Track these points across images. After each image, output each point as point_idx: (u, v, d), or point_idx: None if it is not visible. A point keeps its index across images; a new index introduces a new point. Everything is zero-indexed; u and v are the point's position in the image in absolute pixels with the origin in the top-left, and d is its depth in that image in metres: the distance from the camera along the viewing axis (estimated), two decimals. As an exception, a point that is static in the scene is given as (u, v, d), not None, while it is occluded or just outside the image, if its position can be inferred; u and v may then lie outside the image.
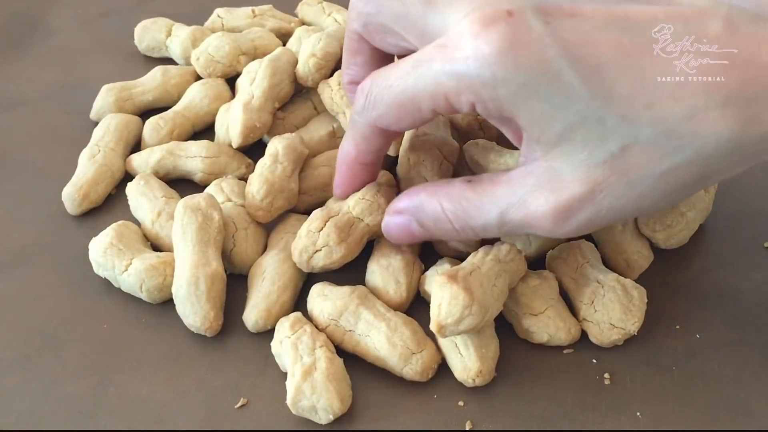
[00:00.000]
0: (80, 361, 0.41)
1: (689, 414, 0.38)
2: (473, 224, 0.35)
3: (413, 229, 0.37)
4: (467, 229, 0.35)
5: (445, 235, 0.37)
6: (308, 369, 0.37)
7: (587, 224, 0.32)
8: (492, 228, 0.34)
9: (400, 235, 0.39)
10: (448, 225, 0.35)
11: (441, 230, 0.36)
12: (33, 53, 0.64)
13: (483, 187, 0.34)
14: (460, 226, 0.35)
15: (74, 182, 0.49)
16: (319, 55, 0.51)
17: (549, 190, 0.31)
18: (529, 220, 0.33)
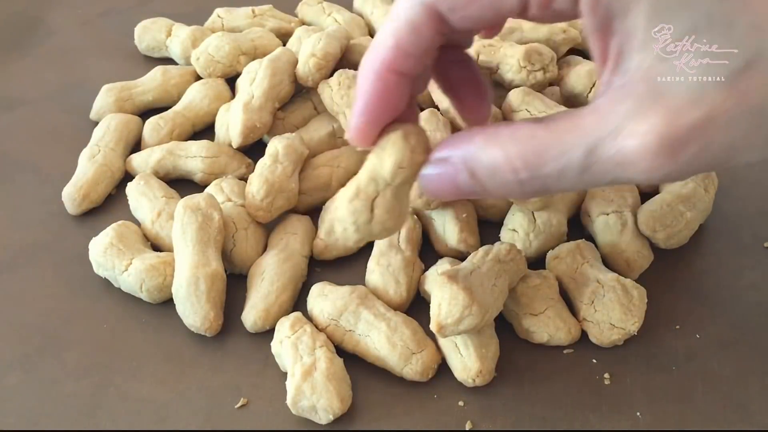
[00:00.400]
0: (80, 361, 0.41)
1: (689, 414, 0.38)
2: (547, 170, 0.27)
3: (460, 180, 0.29)
4: (536, 178, 0.27)
5: (502, 189, 0.29)
6: (308, 369, 0.37)
7: (693, 162, 0.25)
8: (571, 174, 0.27)
9: (442, 187, 0.30)
10: (510, 175, 0.28)
11: (499, 182, 0.28)
12: (33, 53, 0.64)
13: (559, 123, 0.27)
14: (528, 174, 0.27)
15: (74, 182, 0.49)
16: (319, 55, 0.51)
17: (654, 114, 0.25)
18: (626, 156, 0.25)
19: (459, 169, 0.29)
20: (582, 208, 0.46)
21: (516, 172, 0.28)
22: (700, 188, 0.45)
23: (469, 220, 0.45)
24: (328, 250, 0.45)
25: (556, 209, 0.45)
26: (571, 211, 0.47)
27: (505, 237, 0.45)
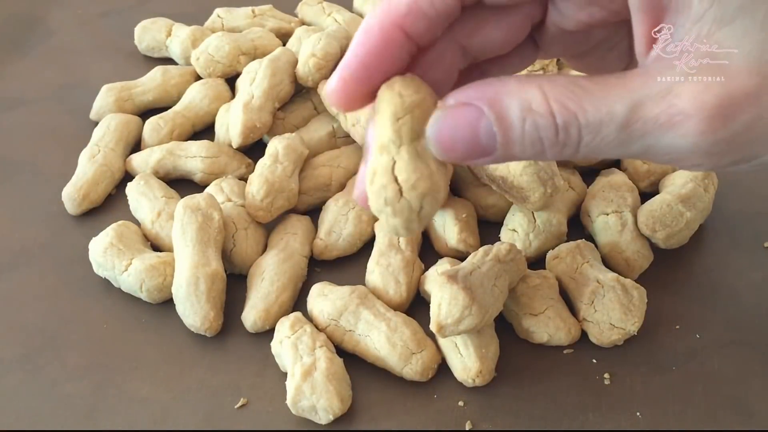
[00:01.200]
0: (80, 361, 0.41)
1: (689, 414, 0.38)
2: (586, 119, 0.24)
3: (482, 127, 0.25)
4: (573, 127, 0.24)
5: (531, 139, 0.25)
6: (308, 369, 0.37)
7: (744, 131, 0.24)
8: (610, 129, 0.24)
9: (456, 134, 0.25)
10: (545, 118, 0.24)
11: (529, 129, 0.25)
12: (33, 53, 0.64)
13: (605, 78, 0.25)
14: (564, 120, 0.24)
15: (74, 182, 0.49)
16: (319, 55, 0.51)
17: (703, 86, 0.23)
18: (673, 117, 0.23)
19: (482, 112, 0.25)
20: (582, 208, 0.46)
21: (552, 116, 0.24)
22: (700, 188, 0.45)
23: (469, 220, 0.45)
24: (328, 250, 0.45)
25: (556, 209, 0.45)
26: (571, 211, 0.47)
27: (505, 237, 0.45)
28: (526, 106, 0.24)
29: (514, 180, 0.43)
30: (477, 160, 0.26)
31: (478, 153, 0.25)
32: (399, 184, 0.25)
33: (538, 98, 0.24)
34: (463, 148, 0.25)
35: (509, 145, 0.25)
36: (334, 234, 0.45)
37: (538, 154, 0.25)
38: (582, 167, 0.49)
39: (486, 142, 0.25)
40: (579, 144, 0.25)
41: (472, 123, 0.25)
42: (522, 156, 0.25)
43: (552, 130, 0.24)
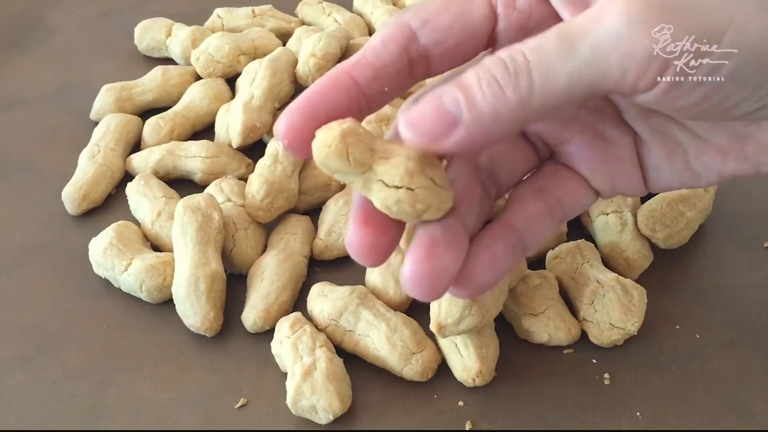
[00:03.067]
0: (80, 361, 0.41)
1: (689, 414, 0.38)
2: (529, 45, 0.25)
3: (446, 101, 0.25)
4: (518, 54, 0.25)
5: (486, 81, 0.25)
6: (308, 369, 0.37)
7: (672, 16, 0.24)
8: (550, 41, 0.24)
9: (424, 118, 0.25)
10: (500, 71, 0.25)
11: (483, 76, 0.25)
12: (33, 53, 0.64)
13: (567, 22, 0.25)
14: (509, 54, 0.25)
15: (74, 182, 0.49)
16: (319, 55, 0.51)
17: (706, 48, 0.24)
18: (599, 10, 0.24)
19: (445, 91, 0.25)
20: (582, 208, 0.46)
21: (500, 59, 0.25)
22: (700, 188, 0.45)
23: (469, 220, 0.45)
24: (328, 250, 0.45)
25: (556, 209, 0.45)
26: (571, 211, 0.47)
27: (505, 237, 0.45)
28: (479, 66, 0.25)
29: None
30: (451, 136, 0.25)
31: (447, 122, 0.25)
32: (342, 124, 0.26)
33: (489, 60, 0.25)
34: (431, 120, 0.25)
35: (470, 99, 0.25)
36: (334, 234, 0.45)
37: (498, 95, 0.25)
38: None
39: (450, 107, 0.25)
40: (529, 66, 0.24)
41: (437, 102, 0.25)
42: (485, 107, 0.25)
43: (501, 65, 0.25)
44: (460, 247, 0.28)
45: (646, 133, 0.31)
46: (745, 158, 0.29)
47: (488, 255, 0.29)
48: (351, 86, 0.28)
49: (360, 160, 0.26)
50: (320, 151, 0.25)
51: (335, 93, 0.28)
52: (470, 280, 0.29)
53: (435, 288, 0.27)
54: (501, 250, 0.29)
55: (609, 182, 0.32)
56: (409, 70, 0.29)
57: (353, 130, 0.26)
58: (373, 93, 0.28)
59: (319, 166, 0.26)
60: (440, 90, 0.25)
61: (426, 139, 0.25)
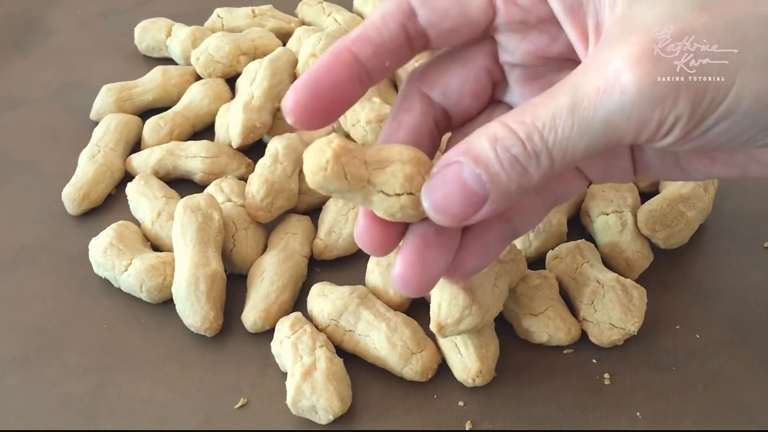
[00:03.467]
0: (80, 361, 0.41)
1: (689, 414, 0.38)
2: (543, 120, 0.26)
3: (467, 175, 0.26)
4: (535, 134, 0.26)
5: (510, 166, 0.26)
6: (308, 369, 0.37)
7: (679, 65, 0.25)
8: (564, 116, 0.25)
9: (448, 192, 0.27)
10: (511, 141, 0.26)
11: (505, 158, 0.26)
12: (33, 53, 0.64)
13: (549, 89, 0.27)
14: (525, 131, 0.26)
15: (74, 182, 0.49)
16: (319, 55, 0.51)
17: (627, 44, 0.25)
18: (609, 80, 0.25)
19: (462, 163, 0.26)
20: (582, 208, 0.46)
21: (515, 133, 0.26)
22: (700, 188, 0.45)
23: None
24: (328, 250, 0.45)
25: (556, 209, 0.45)
26: (571, 211, 0.47)
27: (505, 237, 0.45)
28: (492, 137, 0.26)
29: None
30: (478, 212, 0.27)
31: (473, 202, 0.26)
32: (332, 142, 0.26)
33: (499, 127, 0.26)
34: (459, 202, 0.26)
35: (495, 179, 0.26)
36: (334, 234, 0.45)
37: (522, 175, 0.26)
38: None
39: (475, 186, 0.26)
40: (547, 146, 0.26)
41: (456, 175, 0.26)
42: (511, 186, 0.26)
43: (519, 144, 0.26)
44: (452, 245, 0.30)
45: None
46: (732, 165, 0.30)
47: (480, 244, 0.31)
48: (352, 61, 0.28)
49: (357, 177, 0.26)
50: (316, 176, 0.25)
51: (337, 68, 0.28)
52: (460, 268, 0.31)
53: (422, 288, 0.29)
54: (492, 239, 0.31)
55: (602, 172, 0.33)
56: (409, 45, 0.29)
57: (345, 148, 0.26)
58: (374, 67, 0.29)
59: (313, 188, 0.26)
60: (457, 163, 0.26)
61: (457, 221, 0.27)
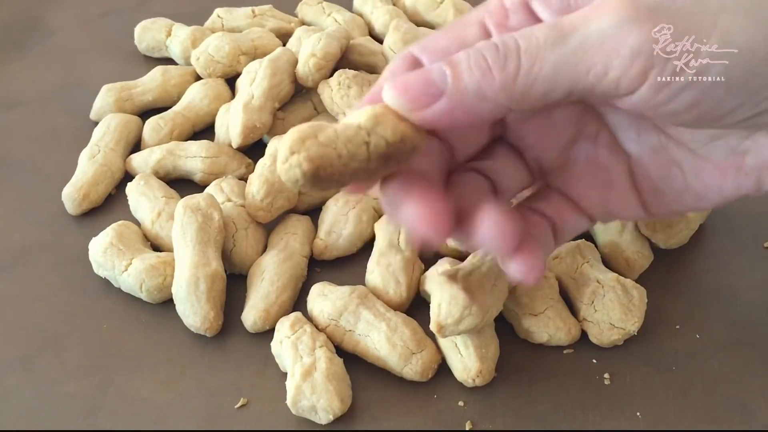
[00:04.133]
0: (80, 361, 0.41)
1: (689, 414, 0.38)
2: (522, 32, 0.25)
3: (433, 69, 0.26)
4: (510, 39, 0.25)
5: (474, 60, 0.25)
6: (308, 369, 0.37)
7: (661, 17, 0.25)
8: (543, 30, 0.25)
9: (412, 78, 0.26)
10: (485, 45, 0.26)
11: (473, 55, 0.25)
12: (33, 53, 0.64)
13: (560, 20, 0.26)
14: (502, 40, 0.25)
15: (74, 182, 0.49)
16: (319, 55, 0.51)
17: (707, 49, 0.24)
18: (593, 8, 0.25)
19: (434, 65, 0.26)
20: (582, 208, 0.46)
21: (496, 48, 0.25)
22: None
23: (469, 220, 0.45)
24: (328, 250, 0.45)
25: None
26: (571, 211, 0.47)
27: (505, 237, 0.45)
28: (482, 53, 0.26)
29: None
30: (432, 104, 0.25)
31: (432, 93, 0.25)
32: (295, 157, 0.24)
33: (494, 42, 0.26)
34: (416, 89, 0.25)
35: (458, 74, 0.25)
36: (334, 234, 0.45)
37: (486, 74, 0.25)
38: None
39: (437, 78, 0.25)
40: (518, 52, 0.25)
41: (424, 72, 0.26)
42: (471, 82, 0.25)
43: (492, 48, 0.25)
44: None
45: (641, 153, 0.31)
46: (744, 174, 0.30)
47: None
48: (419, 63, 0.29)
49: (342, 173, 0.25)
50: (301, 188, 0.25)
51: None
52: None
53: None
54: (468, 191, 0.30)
55: (601, 207, 0.32)
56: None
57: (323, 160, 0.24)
58: None
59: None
60: (431, 65, 0.26)
61: (407, 104, 0.26)
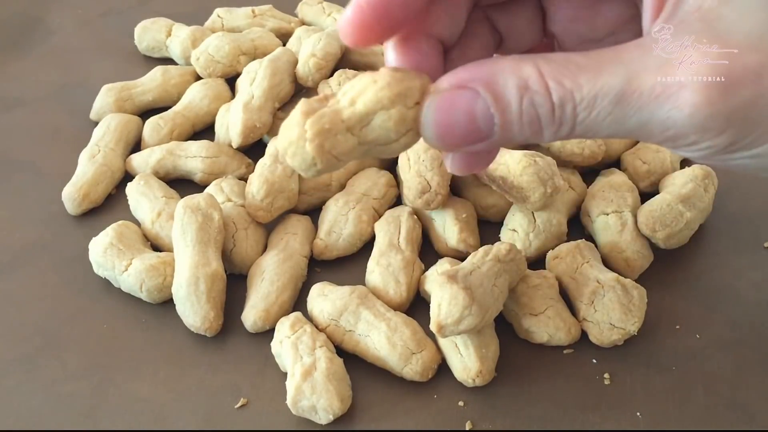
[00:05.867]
0: (80, 361, 0.41)
1: (689, 414, 0.38)
2: (583, 94, 0.23)
3: (478, 109, 0.24)
4: (569, 104, 0.24)
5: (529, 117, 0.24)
6: (308, 369, 0.37)
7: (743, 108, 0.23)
8: (606, 102, 0.23)
9: (451, 118, 0.24)
10: (541, 96, 0.24)
11: (527, 107, 0.24)
12: (33, 53, 0.64)
13: (599, 53, 0.24)
14: (560, 96, 0.24)
15: (74, 182, 0.49)
16: (319, 55, 0.51)
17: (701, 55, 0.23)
18: (668, 88, 0.23)
19: (478, 93, 0.24)
20: (582, 208, 0.46)
21: (549, 93, 0.24)
22: (700, 188, 0.45)
23: (469, 220, 0.45)
24: (328, 250, 0.45)
25: (556, 209, 0.45)
26: (571, 211, 0.47)
27: (505, 237, 0.45)
28: (523, 84, 0.24)
29: (514, 180, 0.43)
30: (474, 145, 0.25)
31: (475, 137, 0.24)
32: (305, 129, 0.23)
33: (534, 76, 0.24)
34: (461, 133, 0.24)
35: (507, 126, 0.24)
36: (334, 234, 0.45)
37: (536, 134, 0.24)
38: (582, 167, 0.49)
39: (483, 125, 0.24)
40: (575, 121, 0.24)
41: (468, 106, 0.24)
42: (519, 137, 0.24)
43: (548, 107, 0.24)
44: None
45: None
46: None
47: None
48: None
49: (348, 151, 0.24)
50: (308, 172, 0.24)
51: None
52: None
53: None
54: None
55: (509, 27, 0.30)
56: None
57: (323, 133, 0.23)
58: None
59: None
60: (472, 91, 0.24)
61: (447, 149, 0.25)
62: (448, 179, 0.45)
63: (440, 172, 0.45)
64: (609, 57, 0.24)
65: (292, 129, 0.23)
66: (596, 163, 0.48)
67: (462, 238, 0.44)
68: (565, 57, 0.24)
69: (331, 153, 0.23)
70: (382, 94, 0.23)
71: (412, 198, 0.45)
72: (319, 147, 0.23)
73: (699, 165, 0.46)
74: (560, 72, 0.24)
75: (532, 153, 0.43)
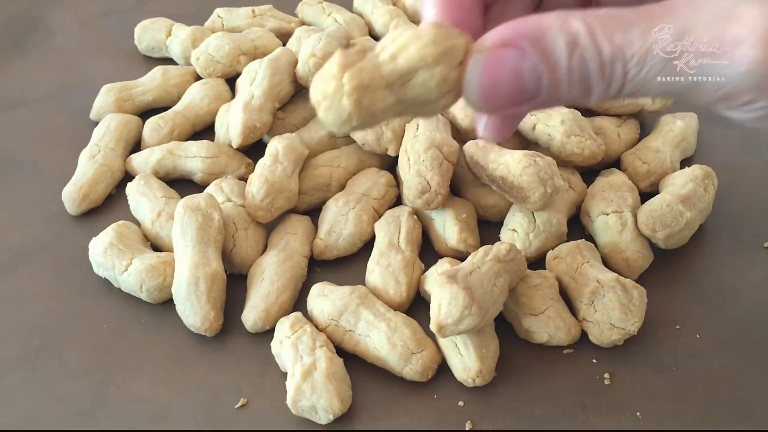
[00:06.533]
0: (80, 361, 0.41)
1: (689, 414, 0.38)
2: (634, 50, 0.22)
3: (526, 67, 0.23)
4: (619, 61, 0.23)
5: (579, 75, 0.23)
6: (308, 369, 0.37)
7: None
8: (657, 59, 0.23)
9: (498, 79, 0.23)
10: (591, 52, 0.23)
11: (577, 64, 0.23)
12: (33, 53, 0.64)
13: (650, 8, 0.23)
14: (611, 53, 0.22)
15: (74, 182, 0.49)
16: (319, 55, 0.51)
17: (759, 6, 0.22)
18: (725, 43, 0.22)
19: (525, 51, 0.23)
20: (582, 208, 0.46)
21: (599, 49, 0.22)
22: (700, 188, 0.45)
23: (469, 220, 0.45)
24: (328, 250, 0.45)
25: (556, 209, 0.45)
26: (571, 211, 0.47)
27: (505, 237, 0.45)
28: (572, 40, 0.22)
29: (515, 180, 0.43)
30: (521, 106, 0.24)
31: (521, 98, 0.23)
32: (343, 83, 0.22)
33: (583, 31, 0.23)
34: (507, 93, 0.23)
35: (555, 85, 0.23)
36: (334, 234, 0.45)
37: (584, 93, 0.23)
38: (582, 167, 0.49)
39: (531, 84, 0.23)
40: (624, 78, 0.23)
41: (515, 64, 0.23)
42: (566, 97, 0.23)
43: (598, 64, 0.23)
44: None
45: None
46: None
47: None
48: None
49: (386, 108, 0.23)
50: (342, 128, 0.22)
51: None
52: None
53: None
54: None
55: None
56: None
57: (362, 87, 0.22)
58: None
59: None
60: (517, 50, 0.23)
61: (492, 111, 0.24)
62: (448, 179, 0.45)
63: (440, 172, 0.45)
64: (660, 12, 0.23)
65: (329, 82, 0.22)
66: (596, 163, 0.48)
67: (462, 238, 0.44)
68: (614, 12, 0.23)
69: (369, 110, 0.22)
70: (426, 51, 0.22)
71: (412, 198, 0.45)
72: (357, 102, 0.22)
73: (699, 165, 0.46)
74: (610, 27, 0.23)
75: (532, 153, 0.43)
